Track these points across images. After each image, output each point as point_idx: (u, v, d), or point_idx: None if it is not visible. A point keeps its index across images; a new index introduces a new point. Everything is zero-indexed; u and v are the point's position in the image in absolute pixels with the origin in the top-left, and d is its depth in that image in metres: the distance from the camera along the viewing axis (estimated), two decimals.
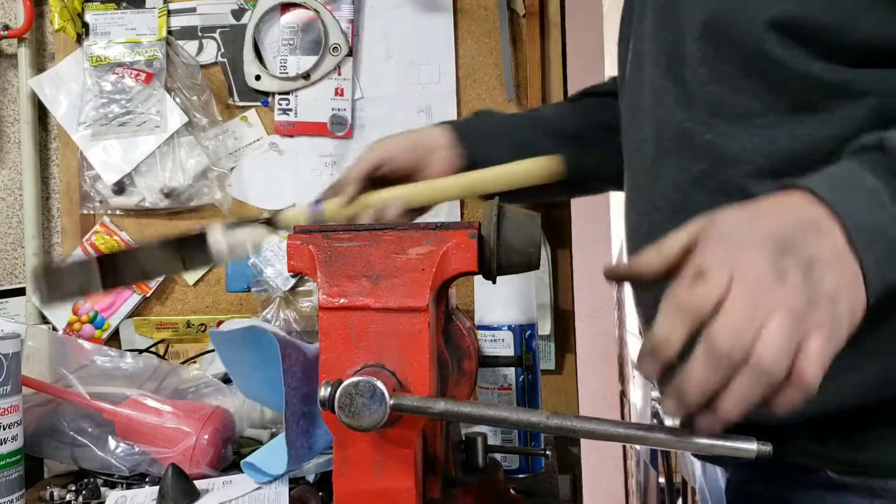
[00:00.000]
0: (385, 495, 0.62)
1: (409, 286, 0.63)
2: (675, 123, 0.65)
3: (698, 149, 0.63)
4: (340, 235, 0.68)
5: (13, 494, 0.82)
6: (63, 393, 0.97)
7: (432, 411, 0.57)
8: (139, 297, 1.29)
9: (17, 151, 1.35)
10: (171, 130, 1.27)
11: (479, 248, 0.62)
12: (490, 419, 0.57)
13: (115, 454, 0.94)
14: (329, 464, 0.90)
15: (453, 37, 1.30)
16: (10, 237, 1.36)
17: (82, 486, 0.93)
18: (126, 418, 0.95)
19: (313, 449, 0.84)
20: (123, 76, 1.28)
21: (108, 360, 1.06)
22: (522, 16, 1.29)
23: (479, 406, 0.57)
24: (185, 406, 0.97)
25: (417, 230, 0.67)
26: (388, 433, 0.61)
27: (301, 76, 1.29)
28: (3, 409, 0.81)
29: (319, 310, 0.64)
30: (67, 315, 1.28)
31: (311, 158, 1.30)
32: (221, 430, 0.95)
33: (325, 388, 0.58)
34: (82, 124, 1.28)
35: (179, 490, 0.81)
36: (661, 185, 0.66)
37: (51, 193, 1.35)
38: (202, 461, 0.92)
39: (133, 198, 1.29)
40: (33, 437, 0.97)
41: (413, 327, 0.62)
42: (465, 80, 1.30)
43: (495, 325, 0.98)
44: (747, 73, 0.60)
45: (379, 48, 1.30)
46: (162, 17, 1.29)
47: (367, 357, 0.62)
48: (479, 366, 0.81)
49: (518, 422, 0.56)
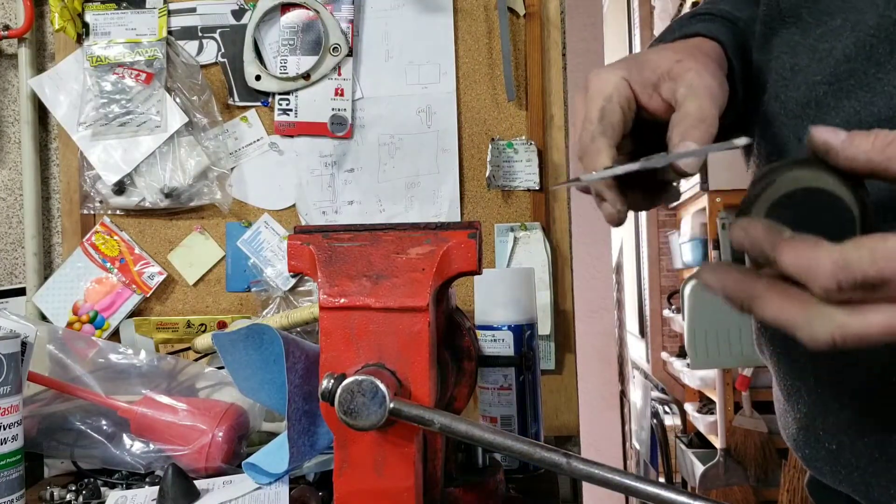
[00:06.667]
0: (385, 495, 0.62)
1: (410, 286, 0.63)
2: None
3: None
4: (341, 235, 0.68)
5: (13, 494, 0.82)
6: (78, 391, 0.97)
7: (431, 426, 0.57)
8: (139, 296, 1.29)
9: (17, 151, 1.35)
10: (171, 130, 1.27)
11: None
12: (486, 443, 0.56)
13: (131, 452, 0.95)
14: (329, 463, 0.90)
15: (453, 37, 1.30)
16: (10, 237, 1.36)
17: (82, 486, 0.93)
18: (141, 416, 0.95)
19: (315, 447, 0.84)
20: (123, 76, 1.28)
21: (121, 357, 1.07)
22: (522, 16, 1.29)
23: (474, 426, 0.57)
24: (199, 403, 0.98)
25: (417, 230, 0.67)
26: (388, 433, 0.61)
27: (301, 76, 1.29)
28: (3, 409, 0.81)
29: (320, 309, 0.64)
30: (67, 315, 1.29)
31: (311, 158, 1.30)
32: (236, 427, 0.96)
33: (328, 380, 0.58)
34: (82, 124, 1.28)
35: (179, 490, 0.81)
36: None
37: (51, 193, 1.35)
38: (218, 458, 0.92)
39: (133, 198, 1.29)
40: (38, 437, 0.97)
41: (413, 327, 0.62)
42: (465, 80, 1.30)
43: (495, 325, 0.98)
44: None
45: (379, 48, 1.30)
46: (162, 17, 1.29)
47: (367, 356, 0.63)
48: (479, 366, 0.81)
49: (520, 452, 0.55)
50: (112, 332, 1.29)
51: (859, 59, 0.54)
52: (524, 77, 1.29)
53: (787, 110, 0.59)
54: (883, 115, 0.52)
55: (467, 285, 1.22)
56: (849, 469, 0.57)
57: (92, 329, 1.28)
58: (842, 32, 0.55)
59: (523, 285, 1.00)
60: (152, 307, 1.31)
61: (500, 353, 0.97)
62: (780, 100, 0.60)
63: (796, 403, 0.62)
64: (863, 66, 0.53)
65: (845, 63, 0.54)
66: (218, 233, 1.31)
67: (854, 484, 0.57)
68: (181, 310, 1.31)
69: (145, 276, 1.30)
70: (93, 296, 1.29)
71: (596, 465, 0.52)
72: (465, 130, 1.30)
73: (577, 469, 0.52)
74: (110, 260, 1.30)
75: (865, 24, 0.54)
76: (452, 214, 1.29)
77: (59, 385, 0.98)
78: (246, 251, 1.30)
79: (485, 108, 1.29)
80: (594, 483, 0.52)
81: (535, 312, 1.01)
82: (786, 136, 0.59)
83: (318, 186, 1.30)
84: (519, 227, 1.28)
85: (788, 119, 0.59)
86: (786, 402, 0.64)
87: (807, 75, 0.58)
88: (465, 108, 1.30)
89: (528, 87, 1.29)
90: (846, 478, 0.58)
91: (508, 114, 1.29)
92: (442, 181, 1.29)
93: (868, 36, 0.53)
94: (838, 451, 0.58)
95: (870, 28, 0.53)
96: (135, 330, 1.30)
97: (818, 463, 0.61)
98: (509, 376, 0.97)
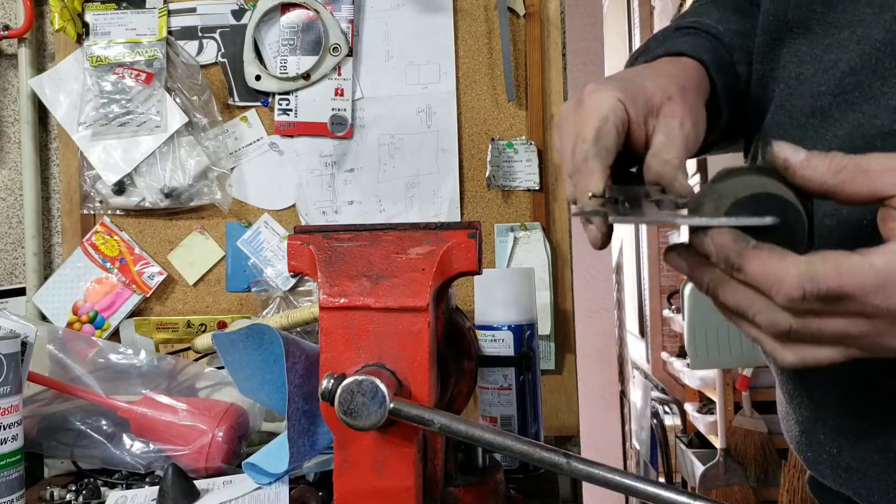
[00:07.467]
0: (385, 495, 0.62)
1: (409, 286, 0.63)
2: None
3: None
4: (341, 235, 0.68)
5: (13, 494, 0.82)
6: (78, 391, 0.97)
7: (431, 426, 0.57)
8: (139, 296, 1.29)
9: (17, 151, 1.35)
10: (171, 130, 1.27)
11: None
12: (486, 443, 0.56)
13: (131, 452, 0.95)
14: (329, 463, 0.90)
15: (453, 37, 1.30)
16: (10, 237, 1.36)
17: (82, 486, 0.93)
18: (141, 416, 0.95)
19: (315, 447, 0.84)
20: (123, 76, 1.28)
21: (122, 357, 1.07)
22: (522, 16, 1.29)
23: (474, 426, 0.57)
24: (199, 403, 0.98)
25: (417, 230, 0.67)
26: (388, 433, 0.61)
27: (301, 76, 1.29)
28: (3, 409, 0.81)
29: (320, 309, 0.64)
30: (67, 315, 1.29)
31: (311, 158, 1.30)
32: (236, 427, 0.96)
33: (328, 379, 0.58)
34: (82, 124, 1.28)
35: (179, 490, 0.81)
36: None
37: (51, 193, 1.35)
38: (218, 458, 0.92)
39: (133, 198, 1.29)
40: (38, 437, 0.97)
41: (413, 327, 0.62)
42: (465, 80, 1.30)
43: (495, 325, 0.98)
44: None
45: (379, 48, 1.30)
46: (162, 17, 1.29)
47: (367, 356, 0.63)
48: (479, 365, 0.81)
49: (520, 452, 0.55)
50: (112, 332, 1.29)
51: (865, 72, 0.54)
52: (524, 77, 1.29)
53: (792, 119, 0.60)
54: (886, 128, 0.53)
55: (467, 285, 1.22)
56: (849, 473, 0.58)
57: (92, 329, 1.28)
58: (848, 45, 0.56)
59: (523, 285, 1.00)
60: (152, 307, 1.31)
61: (500, 353, 0.97)
62: (785, 108, 0.61)
63: (798, 407, 0.63)
64: (868, 78, 0.54)
65: (851, 75, 0.55)
66: (218, 233, 1.31)
67: (855, 487, 0.58)
68: (181, 310, 1.31)
69: (145, 276, 1.30)
70: (93, 296, 1.29)
71: (596, 465, 0.52)
72: (465, 130, 1.30)
73: (577, 469, 0.52)
74: (110, 260, 1.30)
75: (872, 38, 0.54)
76: (452, 214, 1.29)
77: (59, 385, 0.98)
78: (246, 251, 1.30)
79: (485, 108, 1.29)
80: (594, 483, 0.52)
81: (535, 312, 1.01)
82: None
83: (318, 186, 1.30)
84: (519, 227, 1.28)
85: (793, 128, 0.59)
86: (788, 405, 0.65)
87: (811, 85, 0.58)
88: (465, 108, 1.30)
89: (528, 87, 1.29)
90: (847, 481, 0.58)
91: (508, 114, 1.29)
92: (442, 181, 1.29)
93: (874, 50, 0.54)
94: (839, 455, 0.59)
95: (876, 42, 0.54)
96: (135, 330, 1.30)
97: (820, 466, 0.61)
98: (509, 376, 0.97)
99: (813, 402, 0.61)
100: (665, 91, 0.57)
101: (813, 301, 0.43)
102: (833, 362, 0.46)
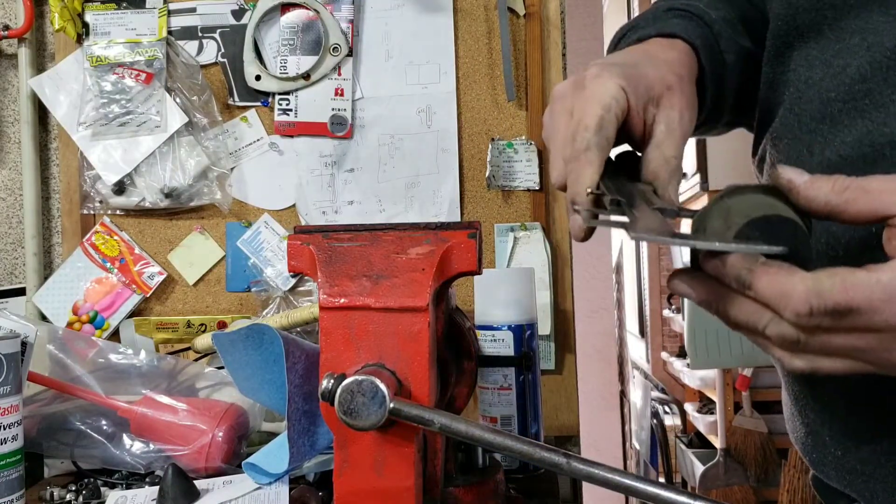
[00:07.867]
0: (385, 495, 0.62)
1: (409, 286, 0.63)
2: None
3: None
4: (340, 235, 0.68)
5: (13, 494, 0.82)
6: (78, 391, 0.97)
7: (431, 426, 0.57)
8: (139, 296, 1.29)
9: (17, 151, 1.35)
10: (171, 130, 1.27)
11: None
12: (486, 443, 0.56)
13: (131, 452, 0.95)
14: (329, 463, 0.90)
15: (453, 37, 1.30)
16: (10, 237, 1.36)
17: (82, 486, 0.93)
18: (141, 416, 0.95)
19: (315, 447, 0.84)
20: (123, 76, 1.28)
21: (121, 357, 1.07)
22: (522, 16, 1.29)
23: (474, 426, 0.56)
24: (199, 403, 0.98)
25: (417, 230, 0.67)
26: (388, 433, 0.61)
27: (301, 76, 1.29)
28: (3, 409, 0.81)
29: (320, 309, 0.64)
30: (67, 315, 1.29)
31: (311, 158, 1.30)
32: (236, 427, 0.96)
33: (328, 379, 0.58)
34: (82, 124, 1.28)
35: (179, 490, 0.81)
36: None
37: (51, 193, 1.35)
38: (218, 458, 0.92)
39: (133, 198, 1.29)
40: (38, 437, 0.97)
41: (413, 327, 0.62)
42: (465, 80, 1.30)
43: (495, 325, 0.98)
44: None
45: (379, 48, 1.30)
46: (162, 17, 1.29)
47: (367, 356, 0.63)
48: (479, 366, 0.81)
49: (520, 452, 0.55)
50: (112, 332, 1.29)
51: (875, 80, 0.55)
52: (524, 77, 1.29)
53: (801, 123, 0.60)
54: (895, 136, 0.53)
55: (467, 285, 1.22)
56: (854, 475, 0.58)
57: (92, 329, 1.28)
58: (857, 51, 0.56)
59: (523, 285, 1.00)
60: (152, 307, 1.31)
61: (500, 353, 0.97)
62: (794, 112, 0.61)
63: (804, 409, 0.63)
64: (879, 86, 0.55)
65: (861, 82, 0.56)
66: (218, 233, 1.31)
67: (859, 490, 0.58)
68: (181, 310, 1.31)
69: (145, 276, 1.30)
70: (93, 296, 1.29)
71: (596, 465, 0.52)
72: (464, 130, 1.30)
73: (577, 469, 0.52)
74: (110, 260, 1.30)
75: (883, 46, 0.55)
76: (452, 214, 1.29)
77: (59, 385, 0.98)
78: (246, 251, 1.30)
79: (485, 108, 1.29)
80: (594, 483, 0.52)
81: (535, 312, 1.01)
82: (799, 150, 0.60)
83: (318, 186, 1.30)
84: (519, 227, 1.28)
85: (803, 133, 0.60)
86: (794, 406, 0.65)
87: (820, 89, 0.59)
88: (465, 108, 1.30)
89: (528, 87, 1.29)
90: (851, 483, 0.59)
91: (508, 114, 1.29)
92: (442, 181, 1.29)
93: (885, 58, 0.54)
94: (844, 457, 0.59)
95: (887, 50, 0.54)
96: (135, 330, 1.30)
97: (825, 467, 0.61)
98: (509, 376, 0.97)
99: (819, 405, 0.61)
100: (664, 80, 0.57)
101: (820, 316, 0.44)
102: (841, 374, 0.46)
